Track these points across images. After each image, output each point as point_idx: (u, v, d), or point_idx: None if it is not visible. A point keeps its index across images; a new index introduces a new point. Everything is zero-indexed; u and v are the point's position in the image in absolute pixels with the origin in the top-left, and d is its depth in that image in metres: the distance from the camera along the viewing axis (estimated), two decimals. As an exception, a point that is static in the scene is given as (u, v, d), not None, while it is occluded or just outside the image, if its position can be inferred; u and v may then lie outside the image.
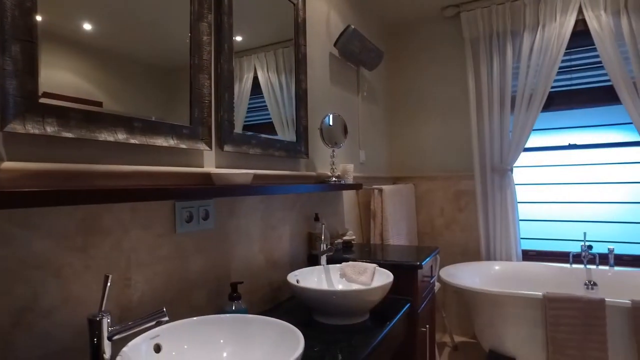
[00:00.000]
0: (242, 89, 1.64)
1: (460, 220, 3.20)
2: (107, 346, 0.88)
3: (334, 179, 2.10)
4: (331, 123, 2.08)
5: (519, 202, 3.01)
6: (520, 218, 3.02)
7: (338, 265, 1.75)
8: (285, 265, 1.84)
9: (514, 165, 2.95)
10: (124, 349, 0.90)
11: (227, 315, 1.10)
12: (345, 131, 2.15)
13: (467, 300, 2.60)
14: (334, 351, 1.21)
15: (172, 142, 1.25)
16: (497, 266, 2.88)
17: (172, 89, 1.28)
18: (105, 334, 0.87)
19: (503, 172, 2.96)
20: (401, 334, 1.66)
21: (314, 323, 1.46)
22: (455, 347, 2.97)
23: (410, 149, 3.38)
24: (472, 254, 3.14)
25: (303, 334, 1.34)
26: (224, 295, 1.46)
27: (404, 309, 1.65)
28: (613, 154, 2.91)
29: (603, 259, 2.72)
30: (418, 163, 3.35)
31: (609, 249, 2.69)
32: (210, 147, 1.40)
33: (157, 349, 1.01)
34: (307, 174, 2.04)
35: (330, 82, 2.39)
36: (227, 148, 1.49)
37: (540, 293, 2.11)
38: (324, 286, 1.70)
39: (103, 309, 0.88)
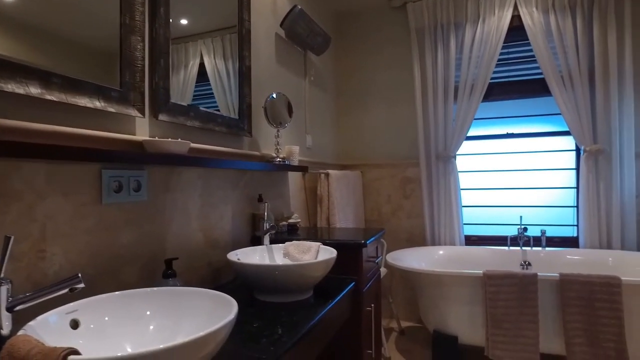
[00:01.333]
0: (187, 75, 1.57)
1: (406, 207, 3.26)
2: (5, 318, 0.77)
3: (278, 159, 2.06)
4: (276, 102, 2.03)
5: (461, 189, 3.11)
6: (463, 204, 3.12)
7: (281, 244, 1.71)
8: (227, 245, 1.77)
9: (457, 152, 3.05)
10: (30, 322, 0.79)
11: (156, 288, 1.02)
12: (290, 111, 2.11)
13: (412, 284, 2.65)
14: (274, 326, 1.17)
15: (98, 104, 1.15)
16: (441, 251, 2.96)
17: (102, 50, 1.17)
18: (3, 304, 0.77)
19: (447, 159, 3.05)
20: (346, 312, 1.64)
21: (255, 302, 1.40)
22: (401, 331, 3.02)
23: (357, 136, 3.40)
24: (417, 240, 3.21)
25: (244, 313, 1.30)
26: (157, 272, 1.36)
27: (349, 287, 1.63)
28: (546, 143, 3.09)
29: (536, 240, 2.87)
30: (365, 150, 3.37)
31: (541, 231, 2.84)
32: (143, 114, 1.30)
33: (75, 325, 0.91)
34: (250, 152, 1.97)
35: (276, 63, 2.34)
36: (162, 117, 1.40)
37: (480, 271, 2.18)
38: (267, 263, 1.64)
39: (1, 275, 0.77)
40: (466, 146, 3.20)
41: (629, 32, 2.71)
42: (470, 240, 3.16)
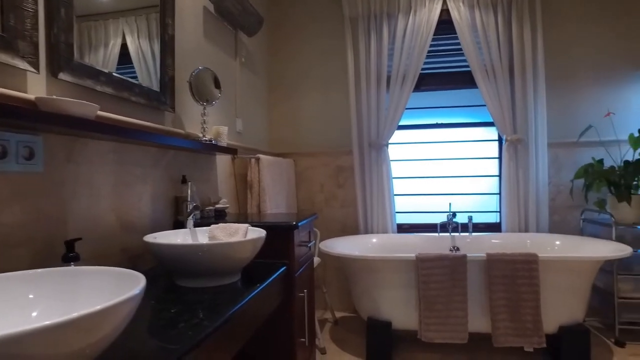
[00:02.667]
0: (107, 55, 1.40)
1: (339, 196, 3.23)
2: None
3: (205, 140, 1.91)
4: (201, 76, 1.87)
5: (393, 178, 3.14)
6: (395, 193, 3.16)
7: (206, 227, 1.56)
8: (146, 229, 1.59)
9: (389, 141, 3.07)
10: None
11: (42, 269, 0.85)
12: (218, 87, 1.97)
13: (346, 272, 2.61)
14: (194, 311, 1.04)
15: (-27, 50, 0.94)
16: (374, 239, 2.96)
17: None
18: None
19: (380, 147, 3.06)
20: (277, 298, 1.55)
21: (176, 288, 1.26)
22: (335, 321, 2.98)
23: (290, 124, 3.31)
24: (351, 229, 3.19)
25: (162, 299, 1.15)
26: (56, 256, 1.17)
27: (279, 271, 1.54)
28: (473, 133, 3.22)
29: (464, 227, 2.97)
30: (298, 138, 3.29)
31: (468, 217, 2.95)
32: (37, 69, 1.10)
33: None
34: (173, 129, 1.80)
35: (204, 39, 2.17)
36: (63, 76, 1.20)
37: (413, 255, 2.19)
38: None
39: None
40: (397, 135, 3.23)
41: (541, 33, 2.90)
42: (402, 229, 3.20)
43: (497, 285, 2.11)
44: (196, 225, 1.61)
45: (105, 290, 0.82)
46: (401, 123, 3.14)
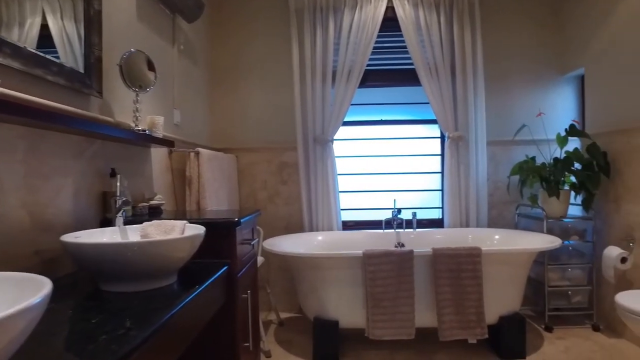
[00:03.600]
0: (23, 36, 1.22)
1: (283, 193, 3.13)
2: None
3: (138, 129, 1.73)
4: (134, 59, 1.69)
5: (338, 174, 3.10)
6: (340, 190, 3.12)
7: (139, 225, 1.41)
8: (67, 228, 1.39)
9: (334, 137, 3.03)
10: None
11: None
12: (152, 70, 1.79)
13: (291, 271, 2.52)
14: (120, 320, 0.90)
15: None
16: (320, 237, 2.90)
17: None
18: None
19: (325, 143, 3.00)
20: (218, 301, 1.42)
21: (100, 294, 1.10)
22: (281, 323, 2.88)
23: (232, 117, 3.16)
24: (295, 227, 3.11)
25: (81, 308, 0.99)
26: (-56, 262, 0.97)
27: (221, 271, 1.41)
28: (416, 130, 3.26)
29: (408, 223, 2.99)
30: (240, 133, 3.15)
31: (412, 214, 2.97)
32: None
33: None
34: (99, 116, 1.61)
35: (138, 21, 1.98)
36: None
37: (360, 251, 2.15)
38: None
39: None
40: (342, 131, 3.20)
41: (480, 36, 3.00)
42: (347, 226, 3.17)
43: (442, 279, 2.12)
44: (127, 223, 1.44)
45: (1, 302, 0.66)
46: (346, 119, 3.11)
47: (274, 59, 3.14)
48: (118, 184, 1.38)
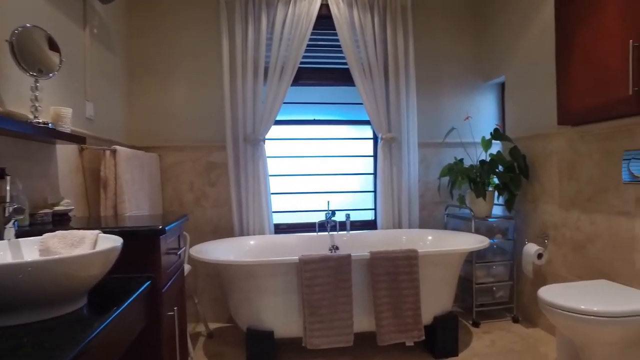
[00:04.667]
0: None
1: (211, 195, 2.93)
2: None
3: (38, 122, 1.46)
4: (30, 36, 1.43)
5: (269, 175, 2.96)
6: (272, 191, 2.99)
7: (38, 237, 1.16)
8: None
9: (266, 137, 2.89)
10: None
11: None
12: (55, 51, 1.53)
13: (221, 279, 2.34)
14: (9, 362, 0.70)
15: None
16: (252, 241, 2.74)
17: None
18: None
19: (256, 142, 2.85)
20: (139, 322, 1.23)
21: (-19, 326, 0.87)
22: (210, 334, 2.67)
23: (155, 113, 2.88)
24: (225, 231, 2.92)
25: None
26: None
27: (142, 288, 1.22)
28: (351, 131, 3.23)
29: (342, 225, 2.94)
30: (164, 131, 2.89)
31: (346, 215, 2.93)
32: None
33: None
34: (-15, 105, 1.33)
35: (36, -6, 1.69)
36: None
37: (296, 257, 2.04)
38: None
39: None
40: (274, 131, 3.07)
41: (412, 39, 3.04)
42: (280, 229, 3.05)
43: (380, 283, 2.09)
44: (23, 235, 1.19)
45: None
46: (278, 118, 2.99)
47: (202, 53, 2.93)
48: (8, 187, 1.13)
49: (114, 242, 1.11)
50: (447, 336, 2.25)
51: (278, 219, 3.07)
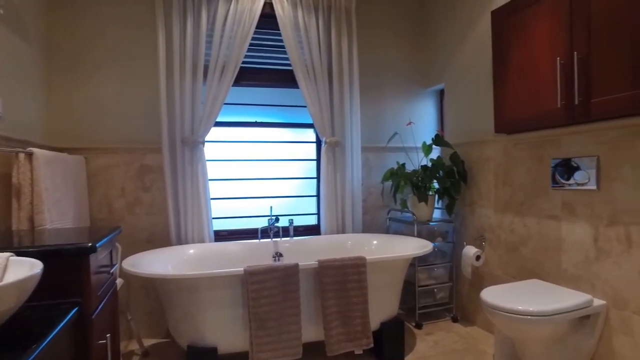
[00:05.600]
0: None
1: (145, 201, 2.71)
2: None
3: None
4: None
5: (209, 180, 2.81)
6: (211, 197, 2.83)
7: None
8: None
9: (205, 139, 2.73)
10: None
11: None
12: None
13: (158, 293, 2.16)
14: None
15: None
16: (191, 250, 2.57)
17: None
18: None
19: (195, 145, 2.69)
20: (65, 356, 1.07)
21: None
22: (145, 352, 2.45)
23: (80, 111, 2.60)
24: (160, 239, 2.71)
25: None
26: None
27: (67, 317, 1.06)
28: (294, 134, 3.15)
29: (285, 230, 2.87)
30: (91, 131, 2.62)
31: (289, 221, 2.86)
32: None
33: None
34: None
35: None
36: None
37: (241, 269, 1.92)
38: None
39: None
40: (214, 133, 2.92)
41: (356, 43, 3.04)
42: (220, 236, 2.90)
43: (329, 292, 2.04)
44: None
45: None
46: (219, 119, 2.84)
47: (137, 48, 2.70)
48: None
49: (30, 267, 0.94)
50: (393, 341, 2.26)
51: (218, 225, 2.92)
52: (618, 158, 1.89)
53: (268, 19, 2.88)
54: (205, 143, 2.75)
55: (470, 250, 2.66)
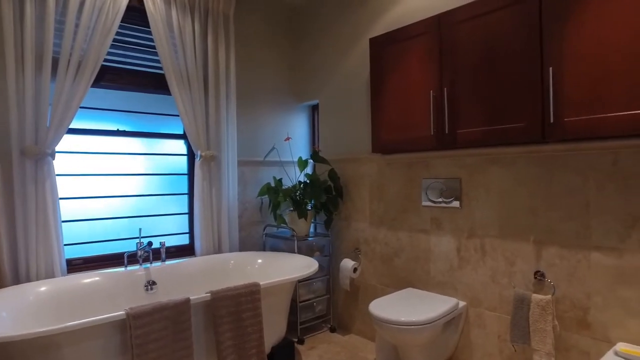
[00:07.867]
0: None
1: (-35, 230, 2.07)
2: None
3: None
4: None
5: (60, 199, 2.31)
6: (62, 219, 2.34)
7: None
8: None
9: (56, 149, 2.24)
10: None
11: None
12: None
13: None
14: None
15: None
16: (42, 287, 2.06)
17: None
18: None
19: (41, 157, 2.18)
20: None
21: None
22: None
23: None
24: (-13, 278, 2.11)
25: None
26: None
27: None
28: (162, 145, 2.83)
29: (155, 253, 2.55)
30: None
31: (161, 243, 2.55)
32: None
33: None
34: None
35: None
36: None
37: (122, 312, 1.61)
38: None
39: None
40: (66, 142, 2.42)
41: (233, 51, 2.91)
42: (74, 265, 2.41)
43: (223, 325, 1.87)
44: None
45: None
46: (73, 126, 2.37)
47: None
48: None
49: None
50: (284, 363, 2.21)
51: (73, 252, 2.43)
52: (475, 181, 2.22)
53: (137, 13, 2.54)
54: (56, 154, 2.25)
55: (348, 264, 2.79)
